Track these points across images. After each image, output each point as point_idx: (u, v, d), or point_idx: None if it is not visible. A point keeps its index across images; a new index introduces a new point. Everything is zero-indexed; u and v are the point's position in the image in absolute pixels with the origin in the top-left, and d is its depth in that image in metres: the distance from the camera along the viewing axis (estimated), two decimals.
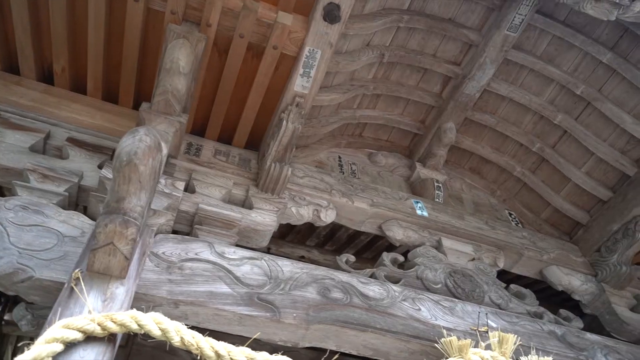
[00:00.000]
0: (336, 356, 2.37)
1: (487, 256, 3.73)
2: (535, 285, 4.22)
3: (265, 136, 3.48)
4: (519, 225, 4.38)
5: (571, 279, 3.89)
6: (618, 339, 3.61)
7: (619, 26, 3.57)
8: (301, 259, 4.64)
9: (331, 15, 2.77)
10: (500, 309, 3.29)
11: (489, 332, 2.92)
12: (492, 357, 2.65)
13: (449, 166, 4.66)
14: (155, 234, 2.61)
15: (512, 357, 2.67)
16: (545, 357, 2.81)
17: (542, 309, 3.46)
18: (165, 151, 2.57)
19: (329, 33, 2.89)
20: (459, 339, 2.62)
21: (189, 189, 3.09)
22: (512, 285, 3.59)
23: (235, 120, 3.42)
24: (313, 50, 2.94)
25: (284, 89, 3.18)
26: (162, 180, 2.80)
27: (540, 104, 4.11)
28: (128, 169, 2.01)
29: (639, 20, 3.17)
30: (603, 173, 4.08)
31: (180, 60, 2.63)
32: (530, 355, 2.81)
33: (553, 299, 4.39)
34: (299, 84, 3.07)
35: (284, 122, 3.10)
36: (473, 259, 3.61)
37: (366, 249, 4.75)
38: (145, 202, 2.19)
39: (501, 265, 3.79)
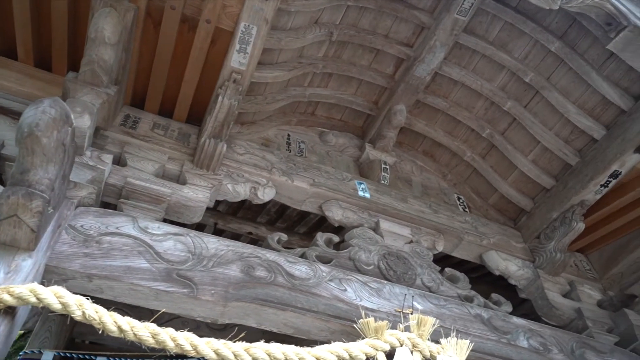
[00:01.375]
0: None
1: (425, 239, 3.77)
2: (484, 268, 4.28)
3: (206, 112, 3.43)
4: (466, 209, 4.43)
5: (508, 264, 3.97)
6: (548, 324, 3.72)
7: (568, 15, 3.56)
8: (249, 235, 4.66)
9: None
10: (430, 291, 3.36)
11: (413, 314, 2.99)
12: (408, 338, 2.71)
13: (402, 148, 4.68)
14: (77, 207, 2.59)
15: (429, 339, 2.74)
16: (464, 339, 2.88)
17: (473, 292, 3.53)
18: (89, 123, 2.53)
19: (264, 9, 2.83)
20: (377, 320, 2.66)
21: (120, 162, 3.05)
22: (446, 269, 3.65)
23: (175, 94, 3.37)
24: (249, 26, 2.89)
25: (222, 65, 3.12)
26: (88, 153, 2.76)
27: (492, 90, 4.11)
28: (30, 141, 1.98)
29: (583, 11, 3.16)
30: (548, 161, 4.13)
31: (106, 30, 2.56)
32: (449, 338, 2.87)
33: (500, 283, 4.48)
34: (236, 59, 3.02)
35: (220, 97, 3.06)
36: (410, 242, 3.65)
37: (317, 227, 4.79)
38: (55, 175, 2.15)
39: (440, 248, 3.84)
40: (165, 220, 3.05)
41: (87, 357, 4.18)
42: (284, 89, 3.92)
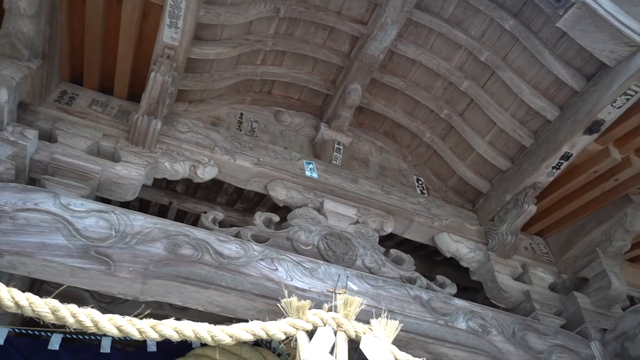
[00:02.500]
0: None
1: (373, 220, 3.73)
2: None
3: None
4: (424, 191, 4.38)
5: (460, 247, 3.93)
6: (495, 306, 3.70)
7: None
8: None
9: None
10: (370, 272, 3.33)
11: (346, 295, 2.97)
12: (333, 318, 2.70)
13: (363, 129, 4.62)
14: None
15: (356, 319, 2.71)
16: (397, 320, 2.85)
17: (416, 274, 3.51)
18: (6, 97, 2.49)
19: None
20: (307, 300, 2.63)
21: (52, 138, 3.01)
22: (392, 250, 3.63)
23: (113, 71, 3.31)
24: None
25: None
26: (10, 128, 2.72)
27: (449, 70, 4.02)
28: None
29: None
30: (504, 143, 4.06)
31: (21, 1, 2.50)
32: (380, 318, 2.85)
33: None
34: (167, 34, 2.95)
35: (153, 74, 3.00)
36: (356, 222, 3.61)
37: (277, 209, 4.75)
38: None
39: (389, 229, 3.81)
40: (100, 199, 3.04)
41: (43, 333, 4.20)
42: (234, 66, 3.84)
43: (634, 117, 3.39)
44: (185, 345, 3.43)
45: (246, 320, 2.39)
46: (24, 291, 2.01)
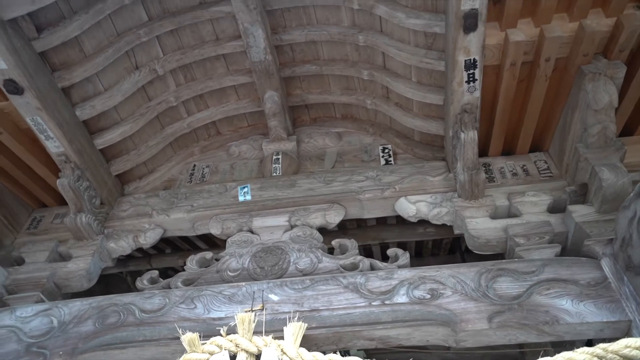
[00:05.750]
0: None
1: (315, 217, 3.59)
2: None
3: None
4: (390, 159, 4.03)
5: (419, 206, 3.51)
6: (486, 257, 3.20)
7: None
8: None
9: None
10: (304, 275, 3.21)
11: (265, 309, 2.97)
12: (231, 340, 2.71)
13: (319, 123, 4.51)
14: None
15: (250, 334, 2.70)
16: (302, 322, 2.74)
17: (359, 258, 3.25)
18: None
19: (30, 103, 3.19)
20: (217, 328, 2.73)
21: (20, 261, 3.71)
22: (334, 241, 3.44)
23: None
24: (36, 119, 3.27)
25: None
26: None
27: (343, 32, 3.74)
28: None
29: None
30: (428, 76, 3.54)
31: None
32: (289, 323, 2.76)
33: None
34: (52, 146, 3.44)
35: (59, 180, 3.50)
36: (291, 228, 3.53)
37: None
38: None
39: (336, 219, 3.61)
40: (71, 294, 3.60)
41: None
42: (159, 131, 4.19)
43: None
44: None
45: None
46: None
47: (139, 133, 4.04)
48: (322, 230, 3.64)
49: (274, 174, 3.97)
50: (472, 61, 2.97)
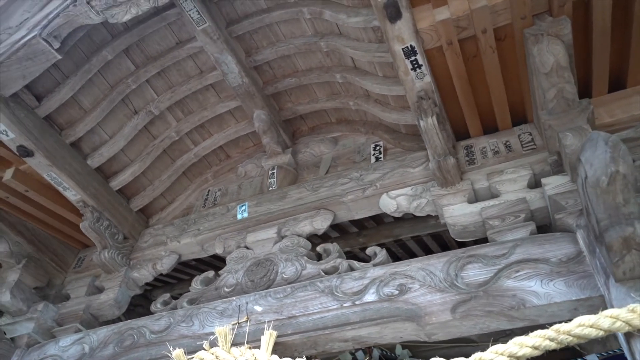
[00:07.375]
0: None
1: (304, 225, 3.69)
2: None
3: None
4: (380, 156, 4.01)
5: (399, 200, 3.46)
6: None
7: None
8: None
9: None
10: (288, 283, 3.32)
11: (249, 320, 3.15)
12: (212, 353, 2.93)
13: (315, 132, 4.60)
14: (29, 347, 3.85)
15: (228, 345, 2.89)
16: (272, 330, 2.88)
17: (339, 261, 3.30)
18: (7, 297, 3.83)
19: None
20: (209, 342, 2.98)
21: (66, 297, 4.25)
22: (318, 247, 3.50)
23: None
24: None
25: None
26: (29, 309, 4.05)
27: (308, 42, 3.84)
28: None
29: None
30: (390, 69, 3.50)
31: None
32: (266, 331, 2.91)
33: None
34: (70, 195, 3.94)
35: (82, 223, 3.99)
36: (281, 239, 3.67)
37: None
38: None
39: (324, 225, 3.68)
40: (105, 322, 4.08)
41: None
42: (170, 165, 4.57)
43: None
44: None
45: None
46: None
47: (151, 170, 4.45)
48: (314, 236, 3.74)
49: (270, 188, 4.13)
50: (409, 48, 2.91)
